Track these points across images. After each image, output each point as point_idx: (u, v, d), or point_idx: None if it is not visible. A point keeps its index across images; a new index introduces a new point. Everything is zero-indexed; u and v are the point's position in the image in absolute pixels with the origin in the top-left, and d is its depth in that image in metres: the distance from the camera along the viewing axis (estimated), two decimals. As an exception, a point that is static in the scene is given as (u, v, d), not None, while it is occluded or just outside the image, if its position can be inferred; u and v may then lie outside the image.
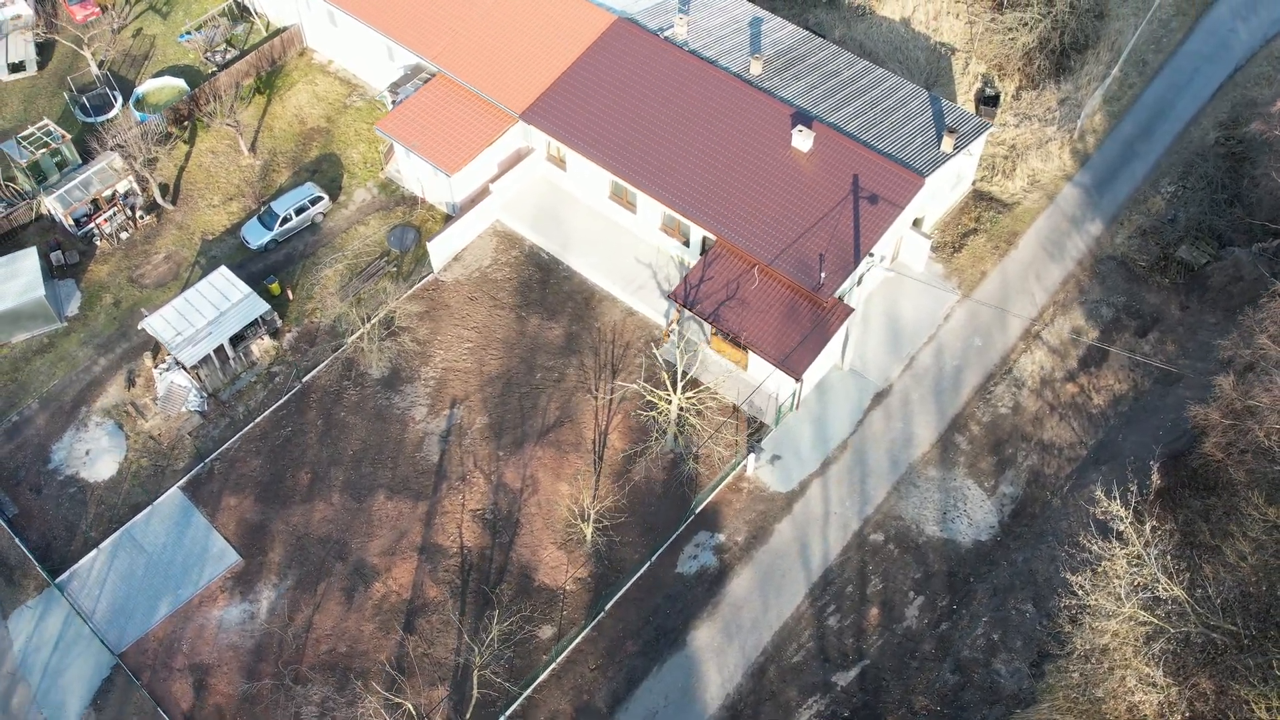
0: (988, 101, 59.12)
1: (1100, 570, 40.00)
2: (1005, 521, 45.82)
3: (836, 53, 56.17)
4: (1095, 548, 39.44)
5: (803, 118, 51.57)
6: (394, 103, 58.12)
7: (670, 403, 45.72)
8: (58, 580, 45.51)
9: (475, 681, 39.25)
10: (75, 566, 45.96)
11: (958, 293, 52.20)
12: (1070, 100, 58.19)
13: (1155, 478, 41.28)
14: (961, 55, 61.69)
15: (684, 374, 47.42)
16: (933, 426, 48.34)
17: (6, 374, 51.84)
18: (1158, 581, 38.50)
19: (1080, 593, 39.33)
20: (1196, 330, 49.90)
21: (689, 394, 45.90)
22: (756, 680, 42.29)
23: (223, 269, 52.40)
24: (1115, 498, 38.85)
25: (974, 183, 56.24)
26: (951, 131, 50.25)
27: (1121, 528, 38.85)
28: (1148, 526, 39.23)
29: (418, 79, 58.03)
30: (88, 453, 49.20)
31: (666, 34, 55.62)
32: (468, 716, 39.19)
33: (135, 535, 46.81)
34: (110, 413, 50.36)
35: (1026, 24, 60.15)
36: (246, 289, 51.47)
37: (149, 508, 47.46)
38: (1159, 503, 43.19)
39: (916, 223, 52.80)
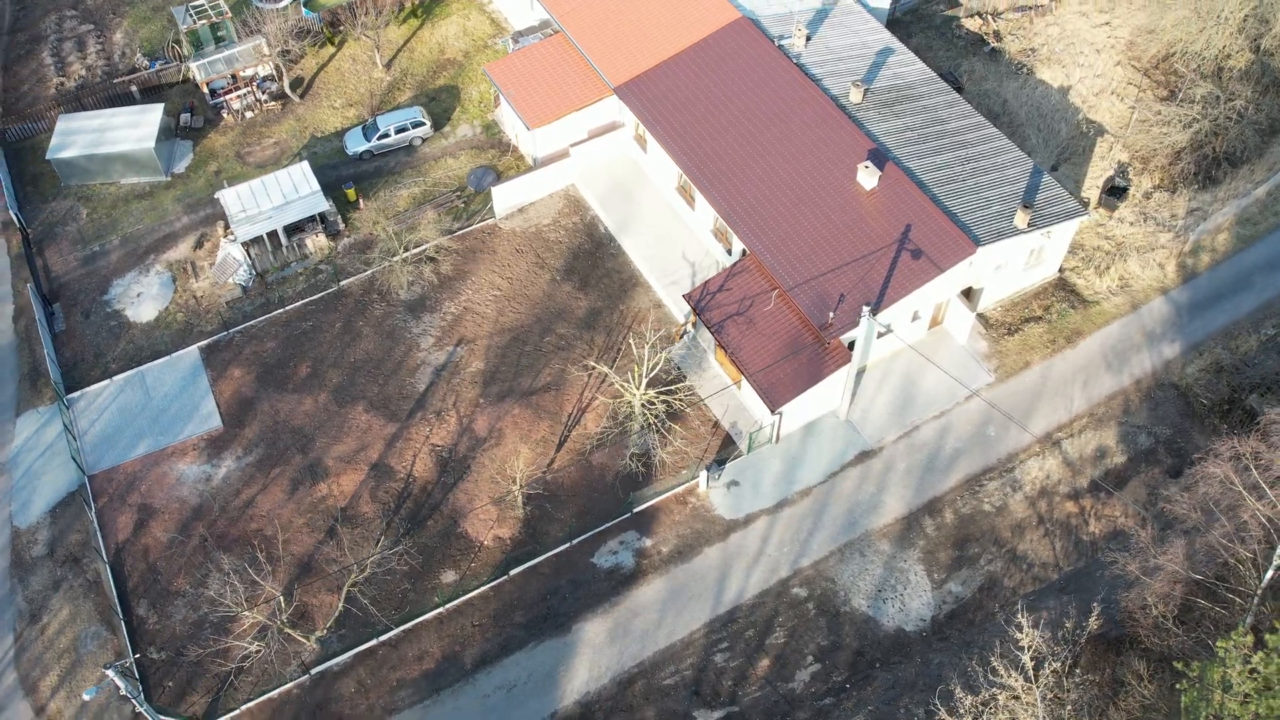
0: (1113, 192, 54.63)
1: (991, 697, 37.08)
2: (939, 619, 42.77)
3: (954, 101, 53.30)
4: (1002, 674, 36.60)
5: (878, 155, 49.39)
6: (514, 49, 59.65)
7: (635, 397, 45.25)
8: (68, 396, 49.97)
9: (343, 595, 40.45)
10: (87, 389, 50.30)
11: (992, 376, 48.79)
12: (1199, 212, 52.94)
13: (1093, 620, 37.79)
14: (1109, 139, 57.17)
15: (653, 372, 46.88)
16: (905, 501, 45.58)
17: (106, 208, 57.03)
18: (1041, 727, 35.31)
19: (957, 714, 36.58)
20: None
21: (650, 394, 45.28)
22: (621, 689, 41.47)
23: (303, 163, 55.54)
24: (1026, 627, 35.87)
25: (1060, 270, 52.17)
26: (1026, 207, 46.86)
27: (1024, 659, 35.88)
28: (1049, 668, 36.02)
29: (542, 32, 59.30)
30: (139, 295, 53.53)
31: (783, 43, 54.41)
32: (328, 625, 40.45)
33: (146, 378, 50.67)
34: (171, 266, 54.53)
35: (1183, 121, 55.05)
36: (316, 186, 54.39)
37: (167, 357, 51.26)
38: (1095, 649, 39.24)
39: (969, 293, 49.62)
